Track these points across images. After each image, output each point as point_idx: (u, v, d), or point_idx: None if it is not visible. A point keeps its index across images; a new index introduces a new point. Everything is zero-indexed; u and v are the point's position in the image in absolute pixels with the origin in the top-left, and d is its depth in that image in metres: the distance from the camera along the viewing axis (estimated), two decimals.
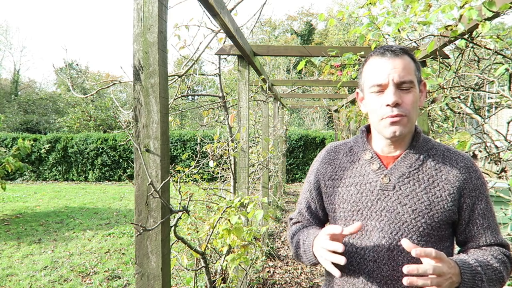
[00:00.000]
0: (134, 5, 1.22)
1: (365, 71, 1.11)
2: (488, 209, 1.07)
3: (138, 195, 1.26)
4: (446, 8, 1.82)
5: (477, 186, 1.07)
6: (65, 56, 22.92)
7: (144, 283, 1.27)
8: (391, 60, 1.04)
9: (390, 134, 1.04)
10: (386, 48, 1.07)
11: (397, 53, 1.04)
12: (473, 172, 1.08)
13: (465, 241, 1.09)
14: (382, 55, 1.06)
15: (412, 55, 1.09)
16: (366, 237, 1.06)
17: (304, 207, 1.25)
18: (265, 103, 5.44)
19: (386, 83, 1.03)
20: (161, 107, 1.24)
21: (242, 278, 3.07)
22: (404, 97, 1.03)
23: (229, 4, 2.58)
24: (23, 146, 6.72)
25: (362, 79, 1.12)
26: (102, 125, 17.43)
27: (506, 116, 7.81)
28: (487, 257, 1.02)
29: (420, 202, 1.03)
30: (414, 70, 1.06)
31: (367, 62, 1.11)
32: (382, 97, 1.04)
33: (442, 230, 1.05)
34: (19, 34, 53.70)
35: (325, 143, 12.18)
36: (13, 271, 4.22)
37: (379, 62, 1.05)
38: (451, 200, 1.04)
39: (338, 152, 1.21)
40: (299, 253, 1.16)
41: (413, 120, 1.06)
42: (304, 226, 1.25)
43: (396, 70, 1.02)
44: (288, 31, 31.54)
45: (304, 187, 1.28)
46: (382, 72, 1.04)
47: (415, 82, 1.05)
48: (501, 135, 2.37)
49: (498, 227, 1.09)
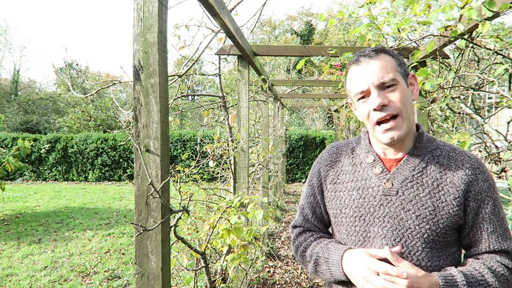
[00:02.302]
0: (134, 5, 1.22)
1: (347, 82, 1.10)
2: (495, 213, 1.01)
3: (138, 195, 1.26)
4: (446, 8, 1.82)
5: (483, 189, 1.01)
6: (65, 56, 22.90)
7: (144, 283, 1.27)
8: (366, 64, 1.02)
9: (388, 141, 1.01)
10: (359, 54, 1.05)
11: (371, 55, 1.03)
12: (480, 174, 1.02)
13: (469, 246, 1.05)
14: (357, 62, 1.05)
15: (390, 51, 1.06)
16: (368, 244, 1.03)
17: (310, 212, 1.20)
18: (265, 103, 5.44)
19: (367, 89, 1.01)
20: (161, 107, 1.24)
21: (242, 278, 3.07)
22: (390, 96, 1.00)
23: (229, 4, 2.57)
24: (23, 146, 6.72)
25: (347, 89, 1.11)
26: (102, 125, 17.43)
27: (506, 116, 7.81)
28: (483, 270, 0.97)
29: (424, 208, 0.99)
30: (394, 67, 1.03)
31: (348, 73, 1.10)
32: (368, 103, 1.02)
33: (447, 236, 1.01)
34: (19, 34, 53.73)
35: (325, 143, 12.18)
36: (13, 271, 4.22)
37: (356, 70, 1.05)
38: (457, 204, 0.99)
39: (340, 154, 1.18)
40: (319, 270, 1.10)
41: (408, 117, 1.02)
42: (314, 237, 1.18)
43: (374, 73, 1.00)
44: (288, 31, 31.54)
45: (306, 191, 1.23)
46: (360, 79, 1.02)
47: (399, 78, 1.02)
48: (501, 135, 2.37)
49: (507, 232, 1.03)
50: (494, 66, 2.87)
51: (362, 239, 1.05)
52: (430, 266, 0.99)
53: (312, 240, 1.17)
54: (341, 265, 1.03)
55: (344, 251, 1.04)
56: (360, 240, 1.05)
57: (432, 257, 1.00)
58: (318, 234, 1.20)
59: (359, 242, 1.05)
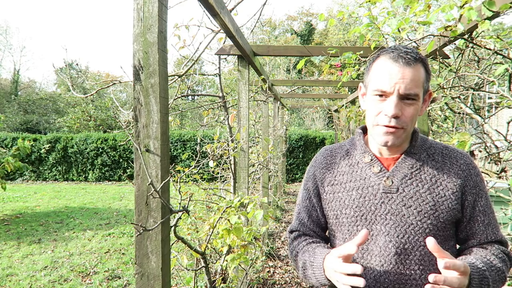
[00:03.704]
0: (134, 5, 1.22)
1: (372, 70, 1.04)
2: (488, 206, 1.07)
3: (138, 195, 1.26)
4: (446, 8, 1.82)
5: (477, 183, 1.06)
6: (65, 56, 22.89)
7: (144, 283, 1.27)
8: (402, 68, 0.97)
9: (382, 143, 1.01)
10: (400, 53, 0.99)
11: (410, 62, 0.97)
12: (472, 169, 1.07)
13: (465, 239, 1.08)
14: (394, 60, 0.99)
15: (426, 63, 1.02)
16: (372, 242, 1.04)
17: (306, 216, 1.19)
18: (265, 103, 5.44)
19: (391, 92, 0.98)
20: (161, 107, 1.24)
21: (242, 278, 3.07)
22: (405, 109, 0.98)
23: (229, 4, 2.57)
24: (23, 146, 6.72)
25: (368, 77, 1.06)
26: (102, 125, 17.42)
27: (506, 116, 7.80)
28: (491, 257, 1.00)
29: (425, 203, 1.01)
30: (423, 82, 1.00)
31: (377, 61, 1.04)
32: (383, 104, 1.00)
33: (447, 230, 1.04)
34: (19, 34, 53.71)
35: (325, 143, 12.18)
36: (13, 271, 4.22)
37: (389, 67, 0.99)
38: (455, 198, 1.03)
39: (334, 156, 1.18)
40: (307, 275, 1.09)
41: (409, 132, 1.03)
42: (307, 242, 1.17)
43: (404, 81, 0.96)
44: (288, 31, 31.54)
45: (301, 196, 1.22)
46: (389, 79, 0.98)
47: (421, 94, 1.00)
48: (501, 135, 2.37)
49: (497, 223, 1.09)
50: (494, 66, 2.88)
51: None
52: (432, 260, 1.01)
53: (304, 244, 1.16)
54: (323, 269, 1.02)
55: (326, 254, 1.02)
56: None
57: None
58: (312, 239, 1.19)
59: None
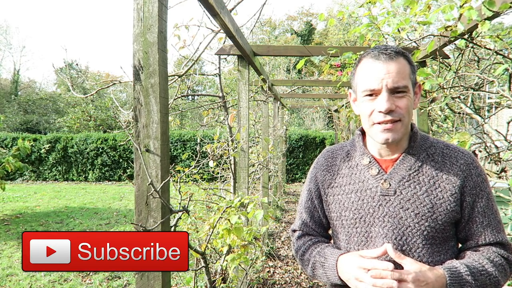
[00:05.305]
0: (134, 5, 1.22)
1: (357, 74, 1.06)
2: (489, 207, 1.05)
3: (138, 195, 1.26)
4: (446, 8, 1.82)
5: (478, 183, 1.04)
6: (65, 56, 22.92)
7: (144, 283, 1.27)
8: (385, 64, 0.99)
9: (382, 141, 1.02)
10: (380, 50, 1.01)
11: (391, 56, 0.99)
12: (473, 169, 1.05)
13: (465, 239, 1.08)
14: (375, 58, 1.01)
15: (408, 56, 1.04)
16: (371, 244, 1.05)
17: (308, 217, 1.22)
18: (265, 103, 5.44)
19: (379, 89, 0.99)
20: (161, 107, 1.24)
21: (242, 278, 3.07)
22: (398, 102, 0.99)
23: (229, 4, 2.57)
24: (23, 146, 6.72)
25: (355, 81, 1.08)
26: (102, 125, 17.42)
27: (506, 116, 7.80)
28: (483, 261, 1.00)
29: (422, 206, 1.01)
30: (409, 74, 1.01)
31: (360, 64, 1.06)
32: (374, 102, 1.01)
33: (446, 231, 1.03)
34: (19, 34, 53.62)
35: (325, 143, 12.18)
36: (13, 271, 4.22)
37: (372, 66, 1.01)
38: (454, 200, 1.02)
39: (335, 157, 1.19)
40: (316, 274, 1.13)
41: (407, 124, 1.03)
42: (312, 241, 1.20)
43: (390, 75, 0.98)
44: (288, 31, 31.53)
45: (303, 196, 1.24)
46: (375, 77, 0.99)
47: (410, 86, 1.01)
48: (501, 135, 2.37)
49: (500, 225, 1.06)
50: (494, 66, 2.87)
51: (364, 239, 1.06)
52: (432, 262, 1.01)
53: (310, 244, 1.19)
54: (336, 270, 1.05)
55: (339, 256, 1.06)
56: (362, 241, 1.07)
57: (432, 252, 1.02)
58: (316, 238, 1.22)
59: (361, 243, 1.07)
